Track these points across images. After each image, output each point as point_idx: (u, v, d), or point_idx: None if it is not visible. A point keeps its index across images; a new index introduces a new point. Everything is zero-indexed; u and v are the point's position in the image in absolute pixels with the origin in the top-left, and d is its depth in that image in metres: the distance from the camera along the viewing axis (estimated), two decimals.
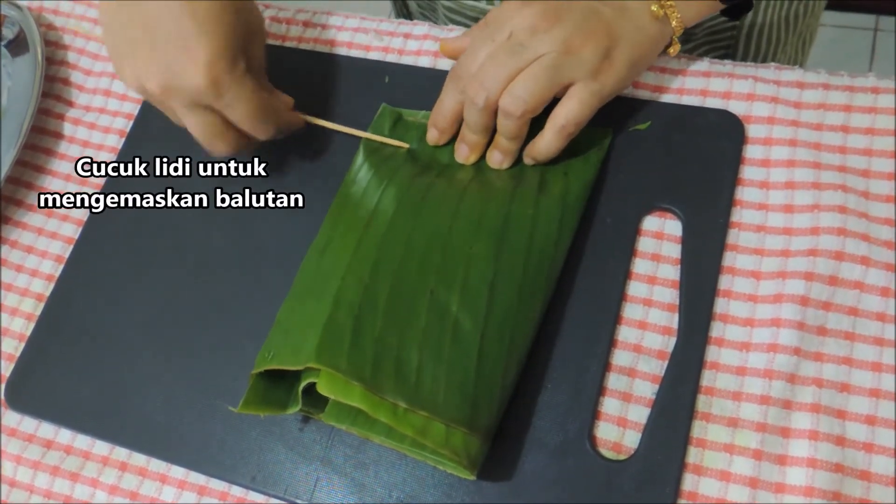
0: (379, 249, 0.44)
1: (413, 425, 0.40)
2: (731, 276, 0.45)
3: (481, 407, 0.41)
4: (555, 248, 0.45)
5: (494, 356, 0.42)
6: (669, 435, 0.42)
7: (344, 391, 0.40)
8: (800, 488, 0.40)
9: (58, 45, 0.63)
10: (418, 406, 0.40)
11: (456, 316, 0.42)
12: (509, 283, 0.43)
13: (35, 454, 0.49)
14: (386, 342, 0.42)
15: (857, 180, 0.46)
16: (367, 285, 0.43)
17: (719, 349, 0.44)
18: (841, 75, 0.49)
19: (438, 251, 0.44)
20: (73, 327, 0.52)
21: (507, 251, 0.44)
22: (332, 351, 0.41)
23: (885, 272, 0.43)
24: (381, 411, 0.40)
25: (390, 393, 0.40)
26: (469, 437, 0.40)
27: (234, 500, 0.46)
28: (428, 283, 0.43)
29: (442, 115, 0.49)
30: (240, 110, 0.46)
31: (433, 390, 0.41)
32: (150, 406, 0.48)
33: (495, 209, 0.46)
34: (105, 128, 0.59)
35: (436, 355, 0.41)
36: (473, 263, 0.44)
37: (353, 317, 0.42)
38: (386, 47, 0.56)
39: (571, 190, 0.47)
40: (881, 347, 0.42)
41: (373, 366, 0.41)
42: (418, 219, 0.46)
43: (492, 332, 0.42)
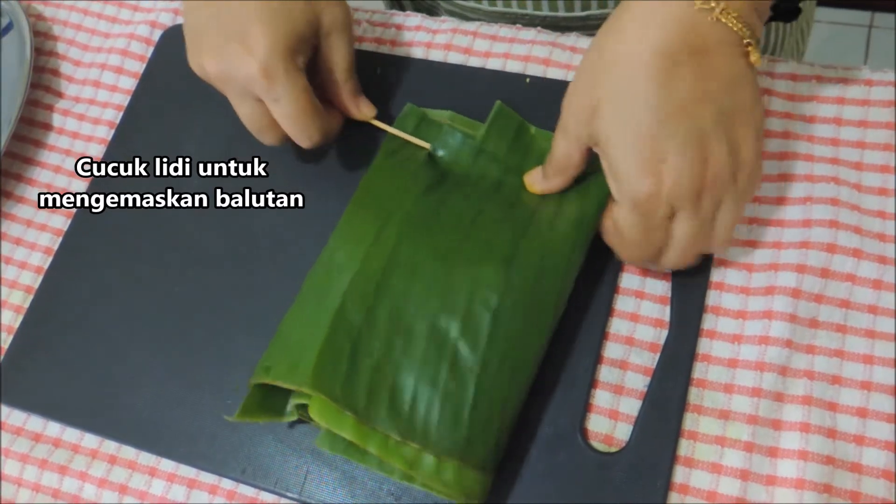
0: (385, 268, 0.43)
1: (403, 457, 0.39)
2: (723, 268, 0.45)
3: (476, 439, 0.40)
4: (564, 276, 0.43)
5: (493, 387, 0.40)
6: (661, 427, 0.42)
7: (336, 420, 0.40)
8: (791, 480, 0.40)
9: (47, 36, 0.62)
10: (410, 438, 0.39)
11: (455, 344, 0.41)
12: (513, 312, 0.42)
13: (23, 447, 0.49)
14: (383, 369, 0.41)
15: (849, 172, 0.46)
16: (369, 307, 0.42)
17: (711, 341, 0.44)
18: (834, 68, 0.49)
19: (444, 273, 0.43)
20: (63, 320, 0.51)
21: (515, 276, 0.42)
22: (327, 376, 0.40)
23: (876, 264, 0.43)
24: (371, 443, 0.39)
25: (382, 424, 0.40)
26: (463, 470, 0.39)
27: (224, 493, 0.46)
28: (430, 308, 0.42)
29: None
30: (284, 108, 0.45)
31: (426, 422, 0.40)
32: (140, 399, 0.48)
33: (508, 231, 0.44)
34: (95, 119, 0.58)
35: (431, 385, 0.40)
36: (478, 288, 0.42)
37: (351, 340, 0.41)
38: (378, 38, 0.56)
39: (587, 212, 0.44)
40: (873, 340, 0.42)
41: (367, 395, 0.40)
42: (428, 237, 0.44)
43: (492, 362, 0.41)
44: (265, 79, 0.44)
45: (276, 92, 0.44)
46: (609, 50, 0.38)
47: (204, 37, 0.45)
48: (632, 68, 0.37)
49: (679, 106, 0.37)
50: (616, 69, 0.38)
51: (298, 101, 0.45)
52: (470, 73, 0.53)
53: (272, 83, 0.44)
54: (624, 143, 0.38)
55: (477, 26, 0.55)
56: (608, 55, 0.38)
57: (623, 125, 0.38)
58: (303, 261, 0.49)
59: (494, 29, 0.54)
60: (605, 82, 0.38)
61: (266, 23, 0.43)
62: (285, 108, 0.45)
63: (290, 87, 0.44)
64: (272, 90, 0.44)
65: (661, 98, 0.37)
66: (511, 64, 0.53)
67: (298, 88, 0.45)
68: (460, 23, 0.55)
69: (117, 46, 0.60)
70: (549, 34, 0.53)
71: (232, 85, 0.45)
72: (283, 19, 0.44)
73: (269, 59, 0.43)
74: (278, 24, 0.44)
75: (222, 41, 0.44)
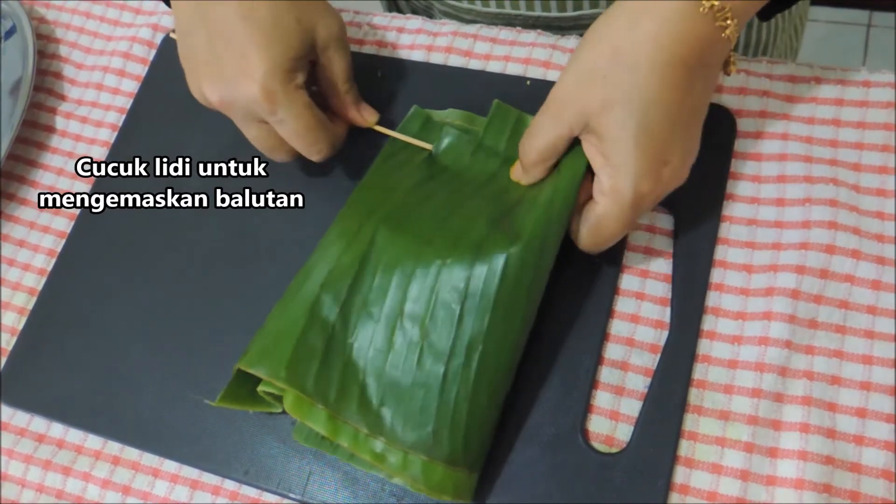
0: (360, 262, 0.43)
1: (372, 451, 0.40)
2: (722, 269, 0.45)
3: (443, 435, 0.40)
4: (536, 265, 0.42)
5: (459, 385, 0.41)
6: (661, 428, 0.42)
7: (309, 414, 0.41)
8: (791, 481, 0.40)
9: (49, 39, 0.62)
10: (377, 433, 0.40)
11: (422, 339, 0.42)
12: (481, 304, 0.41)
13: (27, 448, 0.49)
14: (354, 364, 0.42)
15: (848, 174, 0.46)
16: (343, 302, 0.43)
17: (711, 342, 0.44)
18: (832, 69, 0.49)
19: (415, 266, 0.43)
20: (66, 321, 0.51)
21: (482, 268, 0.41)
22: (300, 371, 0.41)
23: (875, 265, 0.43)
24: (342, 436, 0.41)
25: (353, 418, 0.41)
26: (430, 465, 0.40)
27: (227, 494, 0.46)
28: (399, 302, 0.42)
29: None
30: (289, 127, 0.45)
31: (393, 416, 0.41)
32: (143, 400, 0.48)
33: (482, 221, 0.44)
34: (97, 122, 0.59)
35: (399, 380, 0.41)
36: (446, 280, 0.42)
37: (325, 336, 0.42)
38: (379, 41, 0.56)
39: (559, 191, 0.43)
40: (872, 340, 0.42)
41: (338, 389, 0.41)
42: (403, 228, 0.44)
43: (458, 357, 0.41)
44: (267, 101, 0.44)
45: (279, 113, 0.44)
46: (627, 51, 0.38)
47: (201, 65, 0.45)
48: (653, 74, 0.38)
49: (689, 113, 0.40)
50: (637, 73, 0.38)
51: (302, 118, 0.45)
52: (471, 76, 0.53)
53: (274, 105, 0.44)
54: (636, 144, 0.39)
55: (477, 29, 0.55)
56: (627, 56, 0.38)
57: (637, 127, 0.39)
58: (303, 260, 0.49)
59: (495, 32, 0.55)
60: (623, 83, 0.39)
61: (261, 46, 0.44)
62: (290, 128, 0.45)
63: (293, 107, 0.45)
64: (275, 112, 0.44)
65: (676, 105, 0.39)
66: (511, 66, 0.53)
67: (300, 106, 0.45)
68: (461, 25, 0.55)
69: (119, 49, 0.60)
70: (549, 37, 0.54)
71: (235, 110, 0.46)
72: (277, 40, 0.44)
73: (268, 81, 0.44)
74: (273, 45, 0.44)
75: (220, 68, 0.45)
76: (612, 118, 0.39)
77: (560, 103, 0.41)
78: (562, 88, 0.41)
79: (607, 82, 0.39)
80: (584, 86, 0.40)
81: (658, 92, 0.38)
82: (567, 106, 0.41)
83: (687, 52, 0.38)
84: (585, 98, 0.40)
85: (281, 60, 0.44)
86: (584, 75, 0.40)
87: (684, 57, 0.38)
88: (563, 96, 0.41)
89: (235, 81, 0.44)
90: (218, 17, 0.44)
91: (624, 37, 0.39)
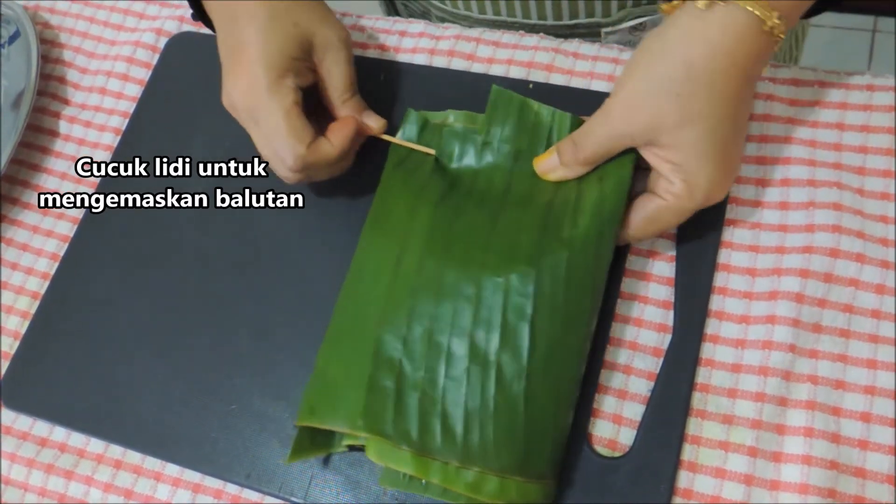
0: (413, 293, 0.42)
1: (466, 482, 0.39)
2: (726, 273, 0.45)
3: (534, 451, 0.39)
4: (595, 271, 0.42)
5: (542, 397, 0.40)
6: (664, 432, 0.42)
7: (393, 457, 0.40)
8: (795, 485, 0.40)
9: (53, 44, 0.63)
10: (469, 462, 0.39)
11: (497, 359, 0.40)
12: (550, 315, 0.41)
13: (29, 452, 0.49)
14: (429, 397, 0.40)
15: (851, 177, 0.46)
16: (404, 337, 0.42)
17: (714, 346, 0.44)
18: (836, 73, 0.49)
19: (473, 287, 0.42)
20: (69, 325, 0.52)
21: (544, 282, 0.41)
22: (377, 416, 0.40)
23: (879, 269, 0.43)
24: (432, 472, 0.39)
25: (439, 452, 0.39)
26: (525, 485, 0.39)
27: (229, 498, 0.46)
28: (466, 325, 0.41)
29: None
30: (263, 128, 0.45)
31: (482, 442, 0.39)
32: (145, 404, 0.48)
33: (528, 232, 0.43)
34: (101, 126, 0.59)
35: (481, 404, 0.40)
36: (510, 298, 0.41)
37: (394, 375, 0.41)
38: (381, 45, 0.56)
39: (607, 198, 0.43)
40: (876, 344, 0.42)
41: (419, 426, 0.40)
42: (449, 253, 0.43)
43: (537, 372, 0.40)
44: (249, 96, 0.44)
45: (258, 110, 0.44)
46: (702, 68, 0.39)
47: (225, 75, 0.46)
48: (727, 91, 0.40)
49: (745, 122, 0.42)
50: (712, 91, 0.39)
51: (274, 118, 0.44)
52: (473, 79, 0.53)
53: (255, 100, 0.44)
54: (711, 159, 0.40)
55: (480, 32, 0.55)
56: (702, 74, 0.39)
57: (711, 142, 0.40)
58: (305, 264, 0.50)
59: (497, 35, 0.55)
60: (699, 101, 0.39)
61: (254, 42, 0.44)
62: (262, 130, 0.45)
63: (271, 104, 0.44)
64: (255, 109, 0.44)
65: (741, 117, 0.41)
66: (514, 70, 0.53)
67: (279, 107, 0.44)
68: (463, 29, 0.55)
69: (123, 54, 0.60)
70: (551, 40, 0.54)
71: (239, 113, 0.46)
72: (272, 38, 0.44)
73: (255, 74, 0.44)
74: (267, 42, 0.44)
75: (229, 73, 0.46)
76: (686, 134, 0.40)
77: (627, 113, 0.41)
78: (629, 98, 0.41)
79: (682, 99, 0.39)
80: (655, 99, 0.40)
81: (732, 108, 0.40)
82: (635, 117, 0.41)
83: (752, 66, 0.40)
84: (658, 112, 0.40)
85: (271, 56, 0.44)
86: (654, 88, 0.40)
87: (750, 72, 0.40)
88: (631, 106, 0.41)
89: (234, 81, 0.45)
90: (231, 25, 0.45)
91: (698, 52, 0.39)
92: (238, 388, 0.47)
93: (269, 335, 0.48)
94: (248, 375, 0.47)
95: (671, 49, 0.40)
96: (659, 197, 0.42)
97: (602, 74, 0.52)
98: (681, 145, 0.40)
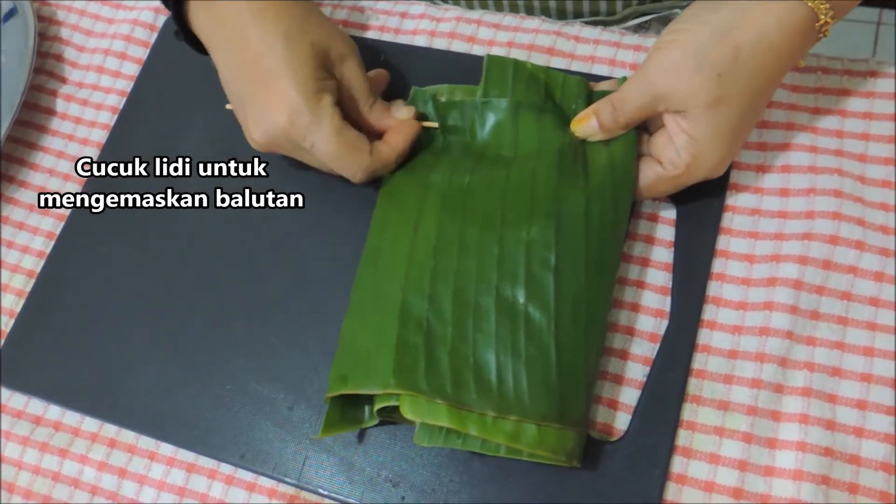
0: (434, 254, 0.43)
1: (505, 432, 0.39)
2: (724, 259, 0.45)
3: (569, 398, 0.39)
4: (613, 216, 0.43)
5: (572, 344, 0.40)
6: (660, 417, 0.42)
7: (429, 412, 0.40)
8: (789, 471, 0.40)
9: (51, 21, 0.62)
10: (506, 412, 0.39)
11: (525, 309, 0.41)
12: (573, 265, 0.41)
13: (24, 430, 0.49)
14: (460, 352, 0.40)
15: (853, 164, 0.45)
16: (429, 295, 0.42)
17: (711, 332, 0.44)
18: (839, 59, 0.48)
19: (494, 243, 0.42)
20: (64, 304, 0.51)
21: (565, 230, 0.42)
22: (408, 373, 0.40)
23: (879, 257, 0.43)
24: (470, 424, 0.39)
25: (475, 404, 0.39)
26: (563, 432, 0.39)
27: (223, 477, 0.46)
28: (491, 280, 0.42)
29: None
30: (320, 151, 0.44)
31: (517, 392, 0.39)
32: (141, 384, 0.48)
33: (545, 187, 0.43)
34: (98, 104, 0.58)
35: (513, 355, 0.40)
36: (533, 250, 0.42)
37: (422, 333, 0.41)
38: (382, 26, 0.56)
39: (616, 155, 0.44)
40: (874, 332, 0.42)
41: (452, 380, 0.40)
42: (467, 212, 0.44)
43: (565, 320, 0.40)
44: (295, 127, 0.44)
45: (308, 138, 0.44)
46: (749, 56, 0.40)
47: (246, 111, 0.46)
48: (766, 84, 0.41)
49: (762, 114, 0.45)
50: (753, 82, 0.40)
51: (331, 141, 0.44)
52: (473, 62, 0.52)
53: (302, 130, 0.44)
54: (726, 141, 0.41)
55: (481, 14, 0.55)
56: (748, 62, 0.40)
57: (733, 126, 0.41)
58: (302, 248, 0.49)
59: (498, 17, 0.54)
60: (738, 86, 0.40)
61: (282, 75, 0.43)
62: (321, 151, 0.44)
63: (321, 129, 0.44)
64: (304, 137, 0.44)
65: (764, 107, 0.43)
66: (515, 52, 0.53)
67: (328, 128, 0.44)
68: (464, 11, 0.55)
69: (121, 32, 0.60)
70: (552, 23, 0.53)
71: (280, 145, 0.46)
72: (297, 66, 0.44)
73: (293, 106, 0.43)
74: (293, 71, 0.44)
75: (256, 108, 0.45)
76: (715, 114, 0.41)
77: (667, 79, 0.41)
78: (672, 65, 0.41)
79: (722, 80, 0.40)
80: (696, 74, 0.40)
81: (762, 98, 0.42)
82: (675, 85, 0.41)
83: (792, 61, 0.41)
84: (697, 87, 0.40)
85: (303, 81, 0.44)
86: (698, 63, 0.40)
87: (788, 67, 0.42)
88: (672, 73, 0.41)
89: (268, 115, 0.44)
90: (245, 63, 0.45)
91: (748, 39, 0.40)
92: (233, 370, 0.47)
93: (266, 318, 0.48)
94: (243, 357, 0.47)
95: (722, 28, 0.40)
96: (660, 165, 0.43)
97: (603, 58, 0.51)
98: (705, 122, 0.41)
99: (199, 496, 0.46)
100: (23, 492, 0.48)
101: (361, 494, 0.43)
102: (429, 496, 0.42)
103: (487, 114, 0.48)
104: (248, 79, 0.45)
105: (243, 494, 0.45)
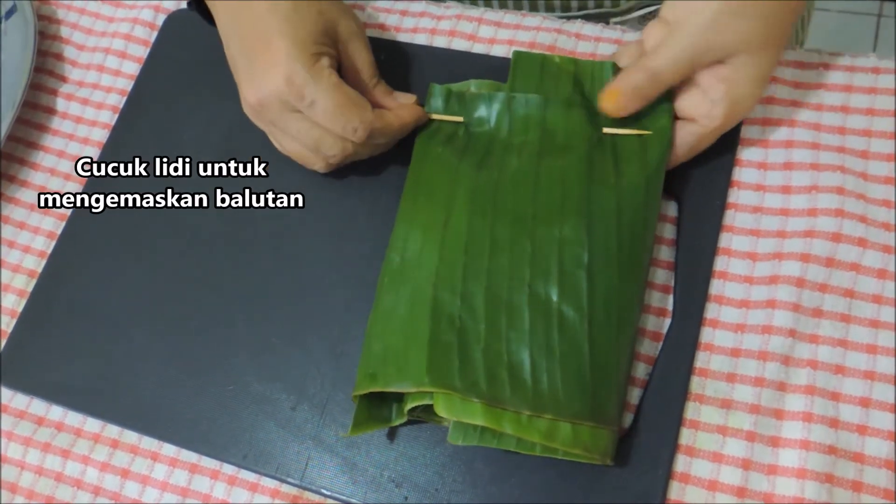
0: (466, 251, 0.42)
1: (540, 431, 0.39)
2: (726, 257, 0.45)
3: (602, 396, 0.39)
4: (644, 215, 0.43)
5: (605, 343, 0.40)
6: (662, 416, 0.42)
7: (464, 410, 0.39)
8: (792, 470, 0.40)
9: (51, 20, 0.62)
10: (541, 410, 0.39)
11: (558, 307, 0.40)
12: (606, 262, 0.41)
13: (26, 430, 0.49)
14: (494, 349, 0.40)
15: (855, 161, 0.45)
16: (461, 293, 0.41)
17: (714, 330, 0.44)
18: (841, 55, 0.48)
19: (526, 240, 0.42)
20: (66, 304, 0.51)
21: (597, 229, 0.42)
22: (442, 371, 0.40)
23: (882, 254, 0.43)
24: (505, 423, 0.39)
25: (510, 402, 0.39)
26: (597, 431, 0.39)
27: (225, 478, 0.46)
28: (523, 277, 0.41)
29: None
30: (320, 107, 0.44)
31: (552, 390, 0.39)
32: (143, 384, 0.48)
33: (575, 184, 0.43)
34: (98, 103, 0.58)
35: (547, 353, 0.40)
36: (565, 247, 0.42)
37: (455, 330, 0.41)
38: (382, 24, 0.56)
39: (650, 147, 0.44)
40: (877, 330, 0.42)
41: (487, 378, 0.39)
42: (498, 208, 0.43)
43: (598, 317, 0.40)
44: (292, 84, 0.43)
45: (306, 95, 0.43)
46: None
47: (241, 73, 0.45)
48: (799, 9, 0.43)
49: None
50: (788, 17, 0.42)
51: (330, 94, 0.44)
52: (474, 60, 0.52)
53: (301, 87, 0.43)
54: (762, 84, 0.42)
55: (482, 12, 0.54)
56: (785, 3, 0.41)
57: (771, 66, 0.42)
58: (302, 248, 0.49)
59: (499, 15, 0.54)
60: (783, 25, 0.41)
61: (283, 32, 0.43)
62: (321, 107, 0.44)
63: (320, 84, 0.43)
64: (303, 94, 0.43)
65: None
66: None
67: (328, 83, 0.44)
68: (465, 9, 0.55)
69: (121, 31, 0.60)
70: (553, 21, 0.53)
71: (270, 106, 0.45)
72: (299, 25, 0.43)
73: (292, 63, 0.43)
74: (295, 29, 0.43)
75: (252, 69, 0.44)
76: (763, 56, 0.41)
77: (710, 30, 0.40)
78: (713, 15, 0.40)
79: (769, 21, 0.40)
80: (744, 20, 0.40)
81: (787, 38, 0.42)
82: (720, 35, 0.40)
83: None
84: (747, 32, 0.40)
85: (303, 42, 0.43)
86: (742, 9, 0.40)
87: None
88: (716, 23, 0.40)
89: (264, 74, 0.44)
90: (247, 20, 0.44)
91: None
92: (235, 370, 0.47)
93: (267, 317, 0.48)
94: (245, 357, 0.47)
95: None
96: (695, 123, 0.43)
97: (605, 56, 0.51)
98: (747, 68, 0.41)
99: (201, 496, 0.46)
100: (25, 492, 0.48)
101: (364, 495, 0.43)
102: (432, 496, 0.42)
103: (515, 107, 0.47)
104: (248, 36, 0.45)
105: (246, 495, 0.45)
